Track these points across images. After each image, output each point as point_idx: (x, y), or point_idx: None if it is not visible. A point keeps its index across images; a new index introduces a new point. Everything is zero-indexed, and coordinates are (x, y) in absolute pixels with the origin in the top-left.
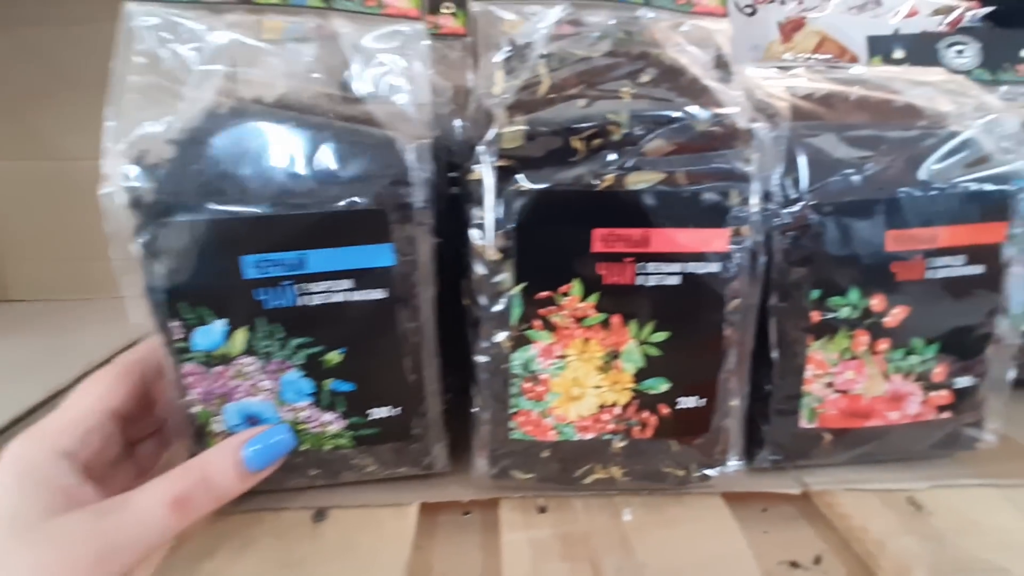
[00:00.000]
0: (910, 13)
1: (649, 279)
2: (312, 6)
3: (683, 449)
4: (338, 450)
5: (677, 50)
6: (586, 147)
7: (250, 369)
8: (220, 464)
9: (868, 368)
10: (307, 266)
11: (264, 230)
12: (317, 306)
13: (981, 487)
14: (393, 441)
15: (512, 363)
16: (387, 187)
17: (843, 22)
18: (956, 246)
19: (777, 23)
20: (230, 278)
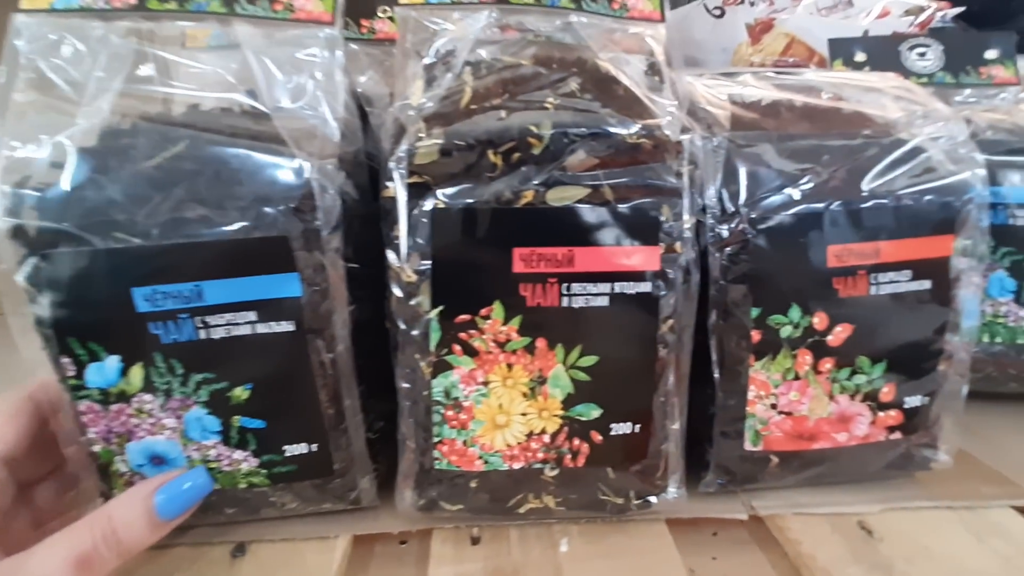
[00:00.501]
0: (881, 14)
1: (575, 300)
2: (213, 11)
3: (620, 476)
4: (254, 488)
5: (609, 58)
6: (504, 162)
7: (150, 407)
8: (128, 515)
9: (812, 388)
10: (205, 298)
11: (157, 260)
12: (219, 340)
13: (935, 509)
14: (313, 478)
15: (433, 390)
16: (288, 212)
17: (812, 23)
18: (901, 261)
19: (746, 25)
20: (122, 311)
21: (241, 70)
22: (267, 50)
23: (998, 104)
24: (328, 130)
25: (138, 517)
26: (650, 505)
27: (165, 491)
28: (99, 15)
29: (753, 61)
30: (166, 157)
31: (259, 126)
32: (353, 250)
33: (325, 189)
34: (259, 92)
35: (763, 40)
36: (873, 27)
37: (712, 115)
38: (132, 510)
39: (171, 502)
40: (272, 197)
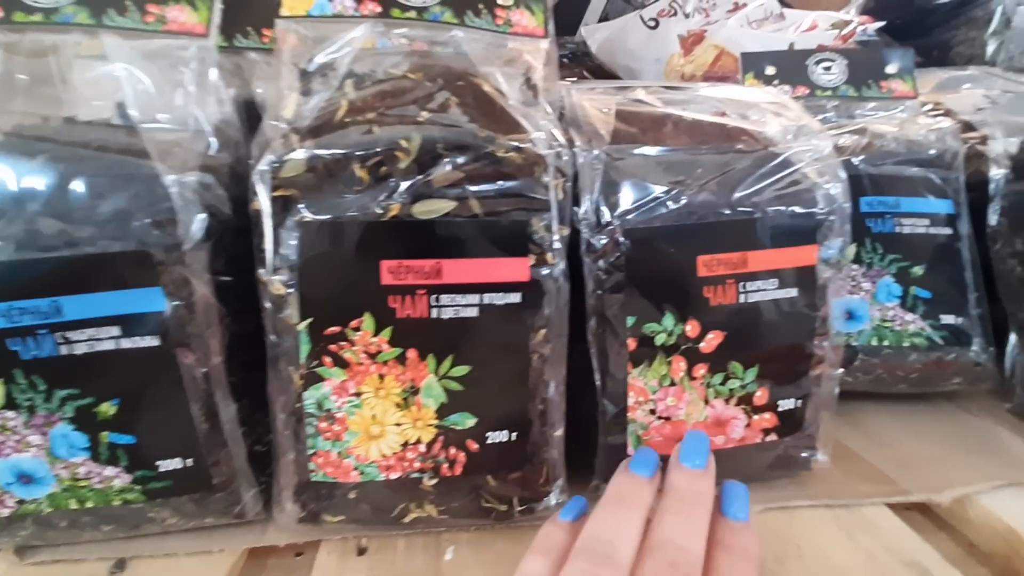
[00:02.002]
0: (810, 27)
1: (444, 311)
2: (80, 23)
3: (501, 484)
4: (130, 504)
5: (486, 73)
6: (370, 175)
7: (14, 424)
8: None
9: (688, 394)
10: (65, 313)
11: (12, 276)
12: (82, 355)
13: (813, 508)
14: (192, 493)
15: (305, 402)
16: (148, 227)
17: (741, 36)
18: (767, 270)
19: (679, 36)
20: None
21: (111, 82)
22: (137, 62)
23: (898, 117)
24: (196, 142)
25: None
26: (534, 511)
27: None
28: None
29: (684, 72)
30: (26, 171)
31: (126, 139)
32: (228, 262)
33: (189, 203)
34: (128, 105)
35: (694, 52)
36: (801, 40)
37: (594, 128)
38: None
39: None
40: (132, 211)
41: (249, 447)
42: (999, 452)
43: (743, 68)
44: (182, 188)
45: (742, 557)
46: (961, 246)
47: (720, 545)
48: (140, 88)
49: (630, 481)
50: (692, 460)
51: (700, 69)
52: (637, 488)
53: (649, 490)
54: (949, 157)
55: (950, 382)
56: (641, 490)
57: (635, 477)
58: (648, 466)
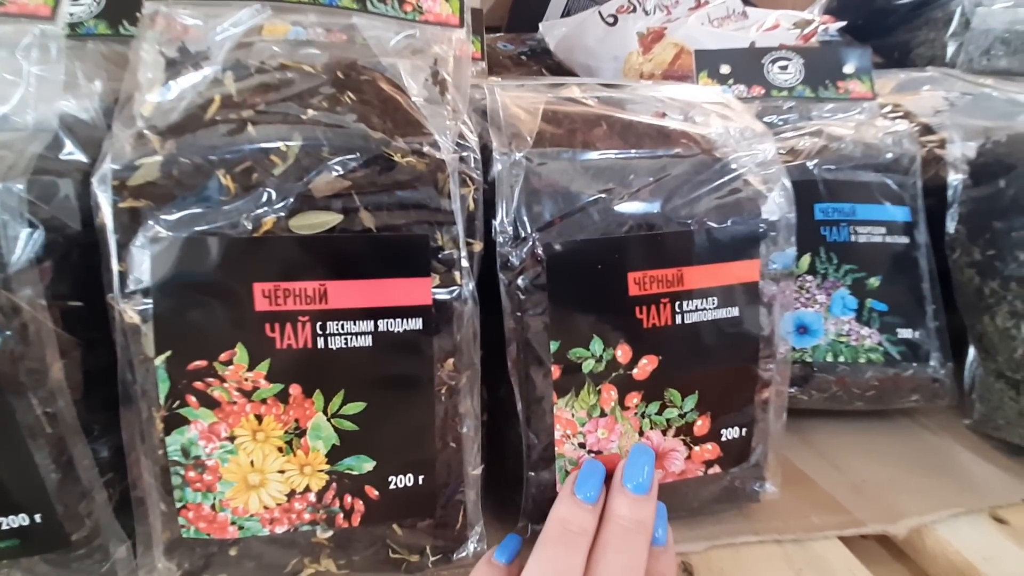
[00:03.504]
0: (772, 26)
1: (333, 341)
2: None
3: (409, 533)
4: None
5: (387, 64)
6: (238, 184)
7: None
8: None
9: (620, 425)
10: None
11: None
12: None
13: (760, 544)
14: (46, 552)
15: (168, 448)
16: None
17: (701, 34)
18: (706, 287)
19: (638, 34)
20: None
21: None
22: None
23: (853, 118)
24: (33, 143)
25: None
26: (451, 560)
27: None
28: None
29: (643, 70)
30: None
31: None
32: (79, 285)
33: (13, 215)
34: None
35: (653, 50)
36: (763, 39)
37: (516, 129)
38: None
39: None
40: None
41: (119, 495)
42: (957, 475)
43: (697, 66)
44: (4, 197)
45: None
46: (919, 255)
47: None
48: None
49: (575, 512)
50: (635, 481)
51: (659, 68)
52: (582, 520)
53: (592, 519)
54: (906, 162)
55: (908, 399)
56: (585, 522)
57: (580, 506)
58: (594, 488)
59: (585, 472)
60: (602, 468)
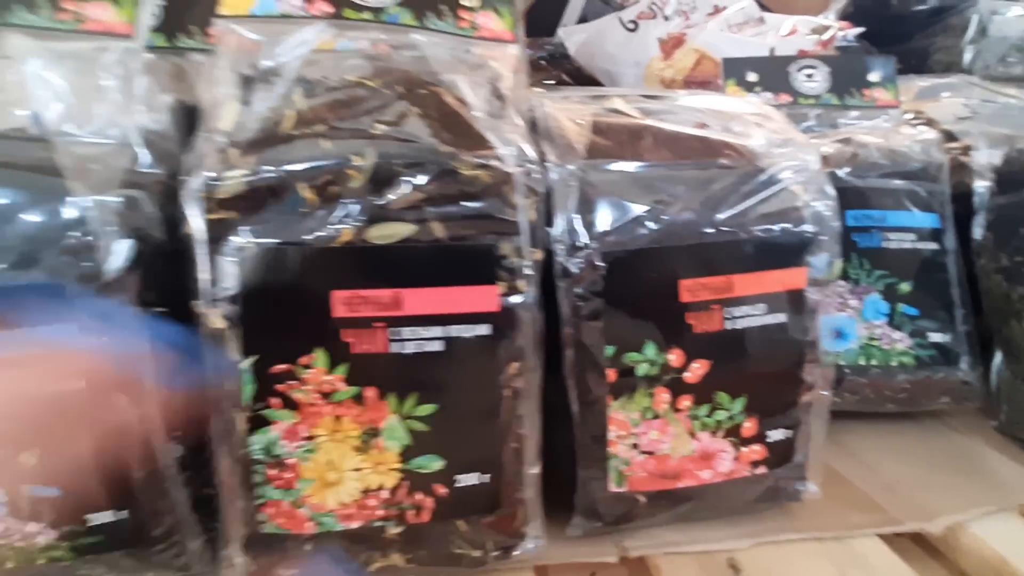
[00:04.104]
0: (790, 32)
1: (406, 346)
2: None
3: (474, 529)
4: (57, 563)
5: (449, 81)
6: (319, 196)
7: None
8: None
9: (672, 427)
10: None
11: None
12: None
13: (803, 541)
14: (128, 548)
15: (251, 447)
16: (59, 255)
17: (721, 40)
18: (755, 294)
19: (658, 39)
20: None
21: (19, 88)
22: (51, 64)
23: (879, 126)
24: (120, 156)
25: None
26: (511, 556)
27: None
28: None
29: (664, 76)
30: None
31: (36, 154)
32: (163, 292)
33: (109, 226)
34: (38, 114)
35: (674, 55)
36: (781, 45)
37: (568, 142)
38: None
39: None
40: (43, 238)
41: (194, 493)
42: (987, 474)
43: (725, 74)
44: (101, 210)
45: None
46: (947, 261)
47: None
48: (53, 94)
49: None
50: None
51: (680, 73)
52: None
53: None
54: (935, 170)
55: (937, 401)
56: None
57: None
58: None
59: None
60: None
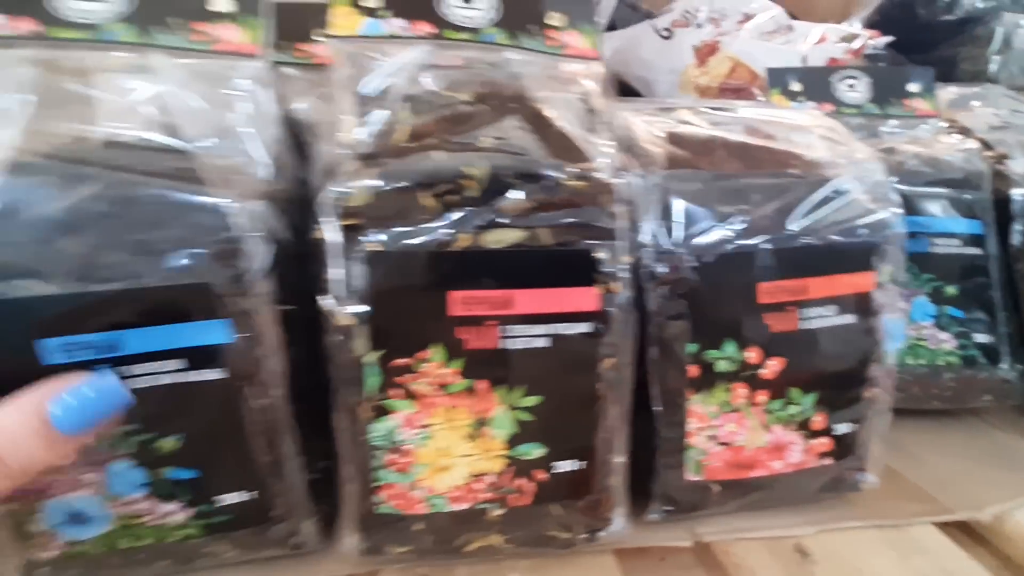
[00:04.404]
0: (819, 40)
1: (515, 342)
2: (126, 41)
3: (566, 512)
4: (187, 540)
5: (546, 97)
6: (439, 204)
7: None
8: (15, 432)
9: (748, 420)
10: (125, 347)
11: (68, 310)
12: (143, 390)
13: (863, 529)
14: (251, 526)
15: (373, 434)
16: (211, 258)
17: (754, 48)
18: (827, 296)
19: (692, 47)
20: (28, 366)
21: (160, 104)
22: (187, 82)
23: (919, 135)
24: (256, 168)
25: (29, 435)
26: (597, 538)
27: (62, 402)
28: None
29: (699, 83)
30: (79, 198)
31: (179, 164)
32: (286, 291)
33: (252, 232)
34: (178, 128)
35: (709, 63)
36: (813, 53)
37: (649, 153)
38: (21, 427)
39: (72, 414)
40: (194, 242)
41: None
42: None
43: (769, 83)
44: (246, 217)
45: None
46: (990, 266)
47: None
48: (189, 110)
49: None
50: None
51: (715, 80)
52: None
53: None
54: (976, 178)
55: (980, 399)
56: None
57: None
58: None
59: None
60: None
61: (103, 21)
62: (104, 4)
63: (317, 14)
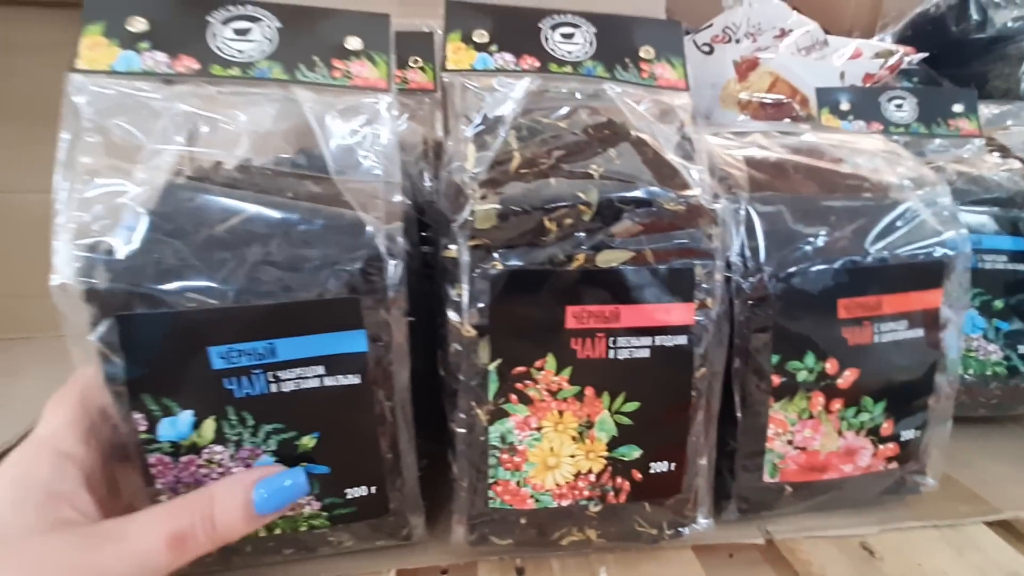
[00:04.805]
0: (854, 55)
1: (620, 352)
2: (276, 78)
3: (655, 510)
4: (314, 530)
5: (645, 126)
6: (558, 227)
7: (220, 457)
8: (228, 502)
9: (824, 426)
10: (278, 354)
11: (233, 320)
12: (289, 392)
13: (923, 529)
14: (371, 518)
15: (490, 435)
16: (358, 274)
17: (794, 63)
18: (899, 312)
19: (733, 62)
20: (197, 369)
21: (282, 131)
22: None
23: (964, 154)
24: (391, 192)
25: (237, 507)
26: (682, 535)
27: (265, 485)
28: (161, 79)
29: (740, 98)
30: (242, 219)
31: (320, 188)
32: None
33: (391, 251)
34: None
35: (749, 77)
36: (850, 68)
37: (732, 177)
38: (233, 498)
39: (270, 498)
40: (343, 259)
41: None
42: None
43: (818, 103)
44: (387, 237)
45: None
46: None
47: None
48: (332, 138)
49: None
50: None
51: (757, 94)
52: None
53: None
54: (1021, 197)
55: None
56: None
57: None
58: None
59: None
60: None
61: (255, 59)
62: (254, 43)
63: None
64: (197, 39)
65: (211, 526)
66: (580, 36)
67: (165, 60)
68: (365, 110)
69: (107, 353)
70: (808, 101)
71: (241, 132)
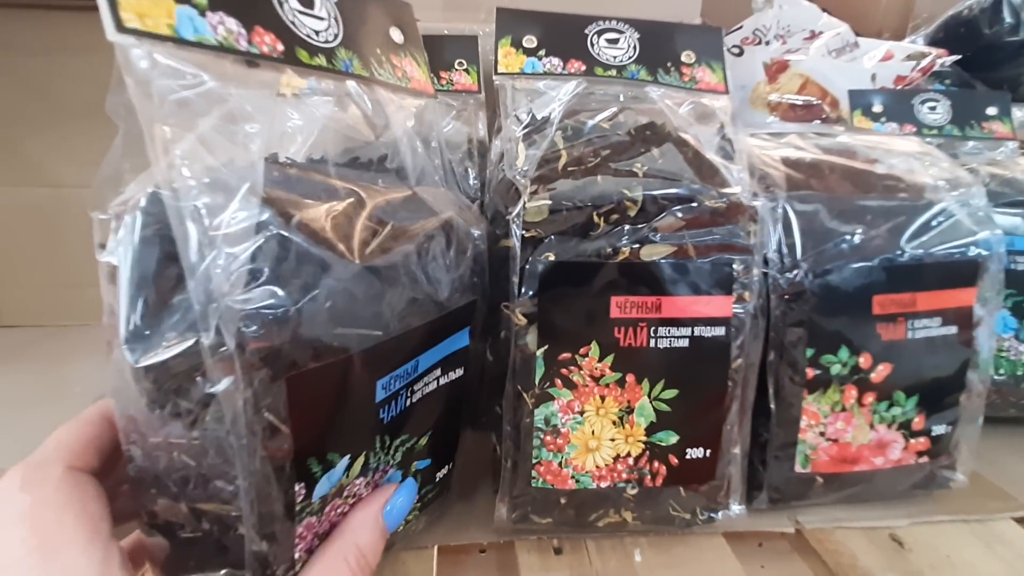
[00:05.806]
0: (885, 57)
1: (661, 341)
2: (356, 74)
3: (690, 495)
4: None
5: (684, 125)
6: (605, 222)
7: (358, 489)
8: (369, 537)
9: (856, 419)
10: (419, 369)
11: (395, 348)
12: (417, 402)
13: (952, 523)
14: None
15: (535, 418)
16: (475, 276)
17: (824, 65)
18: (933, 309)
19: (763, 64)
20: (364, 409)
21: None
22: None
23: (998, 157)
24: (456, 195)
25: (377, 538)
26: (714, 521)
27: (391, 505)
28: (246, 61)
29: (771, 99)
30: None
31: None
32: None
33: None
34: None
35: (779, 79)
36: (881, 71)
37: (770, 176)
38: (372, 532)
39: (397, 515)
40: (467, 264)
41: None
42: None
43: (851, 105)
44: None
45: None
46: None
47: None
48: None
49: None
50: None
51: (787, 96)
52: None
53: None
54: None
55: None
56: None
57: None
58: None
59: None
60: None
61: (333, 44)
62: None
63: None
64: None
65: (366, 565)
66: (624, 41)
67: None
68: (423, 112)
69: (276, 424)
70: (838, 103)
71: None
